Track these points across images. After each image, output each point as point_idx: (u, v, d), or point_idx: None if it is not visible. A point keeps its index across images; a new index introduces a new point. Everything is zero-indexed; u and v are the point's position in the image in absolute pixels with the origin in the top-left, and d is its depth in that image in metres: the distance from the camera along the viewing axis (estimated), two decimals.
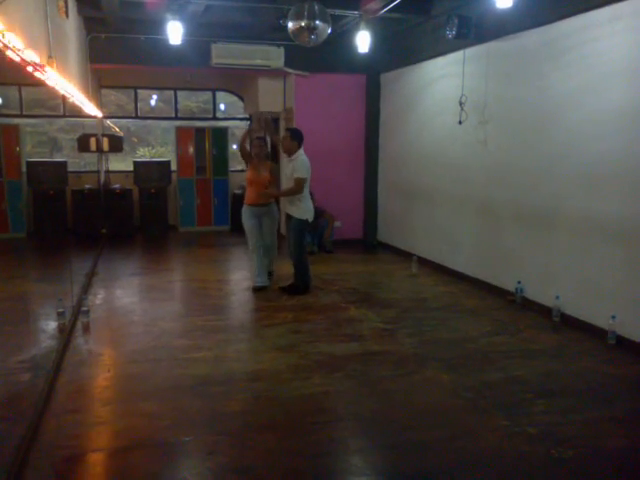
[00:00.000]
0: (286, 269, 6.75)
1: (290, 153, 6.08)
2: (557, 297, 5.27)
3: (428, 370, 4.22)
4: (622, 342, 4.64)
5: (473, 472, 2.93)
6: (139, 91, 10.90)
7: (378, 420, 3.48)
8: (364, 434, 3.35)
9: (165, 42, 7.23)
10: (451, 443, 3.20)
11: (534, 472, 2.93)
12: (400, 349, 4.66)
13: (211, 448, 3.10)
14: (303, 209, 6.10)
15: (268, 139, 6.44)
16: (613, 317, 4.65)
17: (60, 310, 4.88)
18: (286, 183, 6.26)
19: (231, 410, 3.54)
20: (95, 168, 9.83)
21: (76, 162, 10.34)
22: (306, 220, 6.14)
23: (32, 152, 10.24)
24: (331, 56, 8.52)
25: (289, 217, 6.22)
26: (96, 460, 3.05)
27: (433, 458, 3.07)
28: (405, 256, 8.08)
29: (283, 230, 7.59)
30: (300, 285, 6.23)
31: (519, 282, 5.81)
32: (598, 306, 4.90)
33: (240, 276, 7.44)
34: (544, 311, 5.45)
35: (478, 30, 6.20)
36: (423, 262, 7.60)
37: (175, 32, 6.87)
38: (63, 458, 2.98)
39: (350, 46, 7.49)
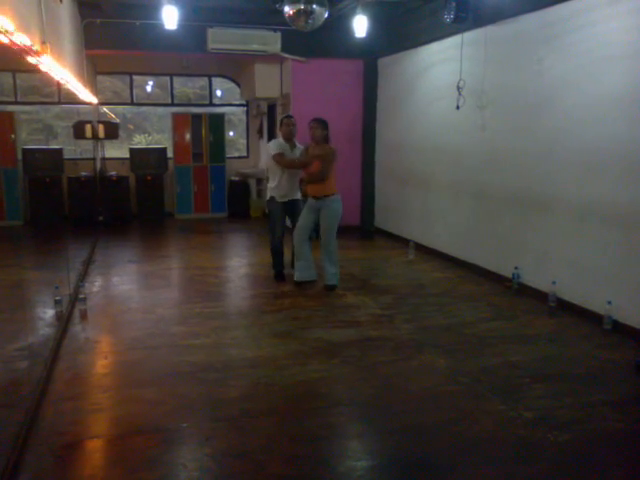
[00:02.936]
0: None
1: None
2: (554, 282, 5.28)
3: (425, 355, 4.24)
4: (618, 327, 4.66)
5: (470, 456, 2.95)
6: (135, 77, 10.83)
7: (376, 405, 3.50)
8: (362, 419, 3.37)
9: (161, 27, 7.15)
10: (448, 428, 3.22)
11: (531, 456, 2.94)
12: (397, 335, 4.68)
13: (209, 434, 3.11)
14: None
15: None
16: (609, 302, 4.67)
17: (57, 298, 4.87)
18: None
19: (229, 396, 3.55)
20: (91, 155, 9.78)
21: (72, 149, 10.28)
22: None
23: (27, 139, 10.17)
24: (328, 41, 8.45)
25: (294, 201, 6.13)
26: (95, 446, 3.06)
27: (430, 443, 3.08)
28: (402, 242, 8.08)
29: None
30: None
31: (516, 268, 5.82)
32: (595, 291, 4.91)
33: (238, 263, 7.45)
34: (541, 296, 5.46)
35: (476, 14, 6.15)
36: (420, 248, 7.61)
37: (170, 17, 6.80)
38: (62, 444, 2.99)
39: (347, 31, 7.43)
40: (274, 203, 6.12)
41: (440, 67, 7.22)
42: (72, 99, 7.38)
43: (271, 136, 10.23)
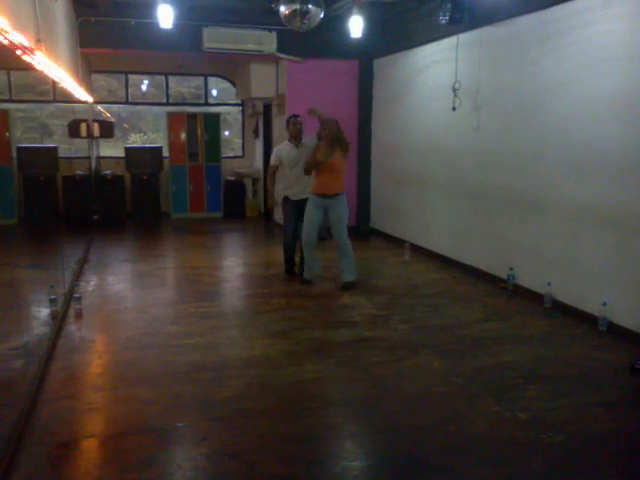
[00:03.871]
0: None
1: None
2: (549, 283, 5.30)
3: (420, 356, 4.25)
4: (613, 328, 4.68)
5: (464, 457, 2.96)
6: (130, 76, 10.80)
7: (370, 405, 3.51)
8: (356, 419, 3.37)
9: (156, 26, 7.13)
10: (442, 428, 3.23)
11: (524, 457, 2.95)
12: (392, 335, 4.68)
13: (204, 434, 3.11)
14: None
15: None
16: (604, 304, 4.69)
17: (52, 297, 4.85)
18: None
19: (224, 396, 3.55)
20: (86, 154, 9.75)
21: (67, 148, 10.25)
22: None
23: (22, 138, 10.14)
24: (324, 41, 8.44)
25: (302, 200, 6.08)
26: (89, 446, 3.05)
27: (424, 443, 3.09)
28: (398, 243, 8.09)
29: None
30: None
31: (511, 269, 5.83)
32: (589, 292, 4.93)
33: (233, 263, 7.45)
34: (536, 297, 5.48)
35: (471, 15, 6.17)
36: (415, 249, 7.61)
37: (166, 16, 6.78)
38: (56, 444, 2.99)
39: (343, 31, 7.43)
40: (287, 202, 6.22)
41: (436, 68, 7.23)
42: (67, 97, 7.36)
43: (267, 136, 10.24)
